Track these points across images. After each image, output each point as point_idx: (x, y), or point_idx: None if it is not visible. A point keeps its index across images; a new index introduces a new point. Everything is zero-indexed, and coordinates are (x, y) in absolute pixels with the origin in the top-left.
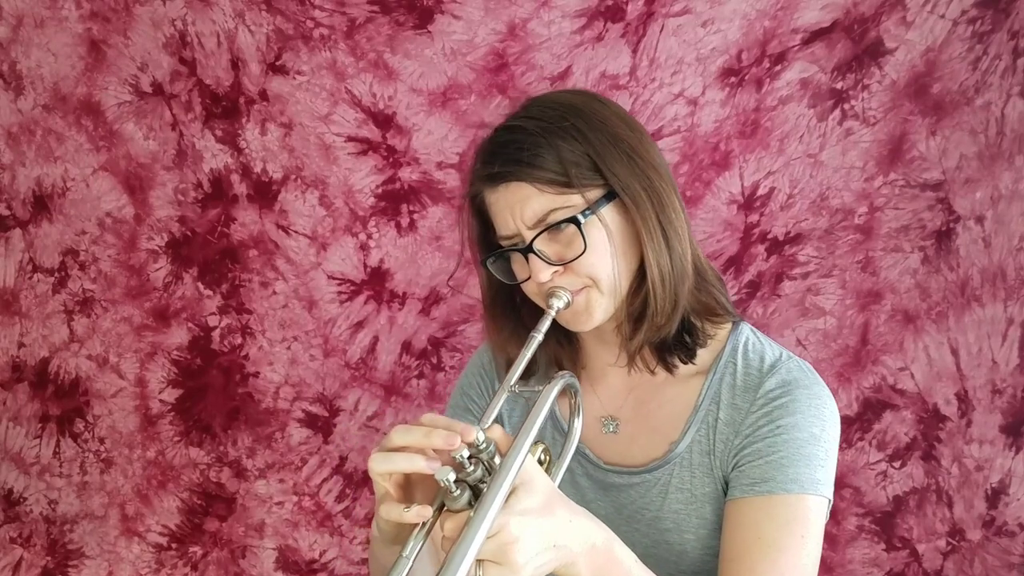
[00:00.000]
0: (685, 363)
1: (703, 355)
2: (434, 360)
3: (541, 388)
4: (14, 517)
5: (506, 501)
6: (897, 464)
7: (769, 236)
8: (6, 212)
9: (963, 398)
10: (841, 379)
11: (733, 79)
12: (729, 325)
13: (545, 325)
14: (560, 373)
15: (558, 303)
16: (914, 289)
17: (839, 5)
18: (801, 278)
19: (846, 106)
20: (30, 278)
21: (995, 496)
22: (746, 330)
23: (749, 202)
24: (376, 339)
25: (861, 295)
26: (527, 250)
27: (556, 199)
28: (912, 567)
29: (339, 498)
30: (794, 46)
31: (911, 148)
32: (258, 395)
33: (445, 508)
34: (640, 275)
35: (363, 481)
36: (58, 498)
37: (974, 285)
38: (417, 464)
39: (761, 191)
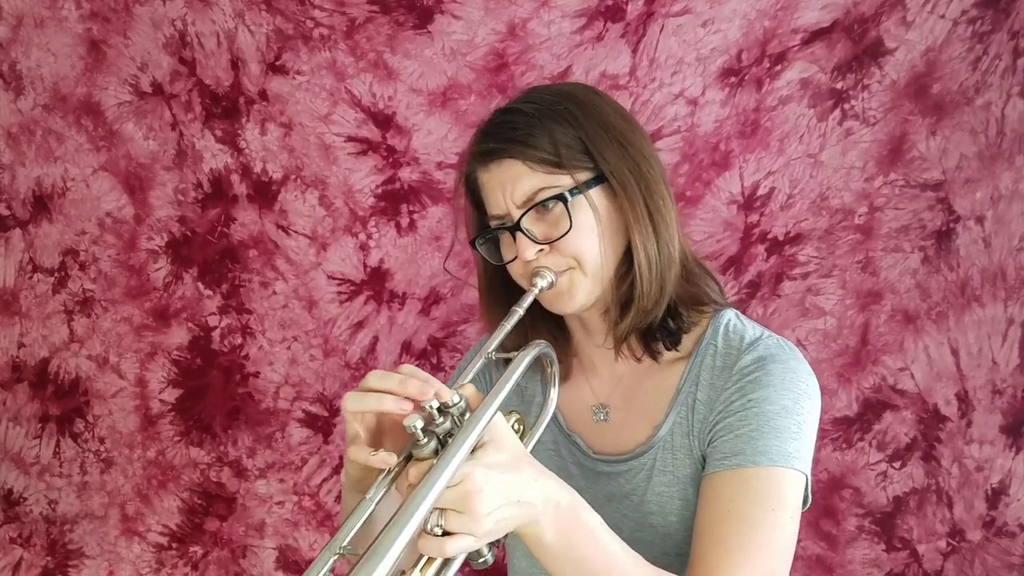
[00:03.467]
0: (669, 349)
1: (685, 340)
2: (434, 360)
3: (516, 355)
4: (14, 517)
5: (473, 453)
6: (897, 464)
7: (769, 236)
8: (6, 212)
9: (963, 398)
10: (841, 379)
11: (733, 79)
12: (711, 311)
13: (527, 301)
14: (535, 341)
15: (541, 282)
16: (914, 289)
17: (839, 5)
18: (801, 278)
19: (846, 106)
20: (30, 278)
21: (995, 497)
22: (729, 313)
23: (749, 202)
24: (376, 339)
25: (861, 295)
26: (515, 228)
27: (546, 178)
28: (912, 568)
29: (339, 498)
30: (794, 46)
31: (911, 148)
32: (258, 395)
33: (413, 457)
34: (627, 261)
35: None
36: (58, 498)
37: (974, 285)
38: (387, 405)
39: (761, 191)
